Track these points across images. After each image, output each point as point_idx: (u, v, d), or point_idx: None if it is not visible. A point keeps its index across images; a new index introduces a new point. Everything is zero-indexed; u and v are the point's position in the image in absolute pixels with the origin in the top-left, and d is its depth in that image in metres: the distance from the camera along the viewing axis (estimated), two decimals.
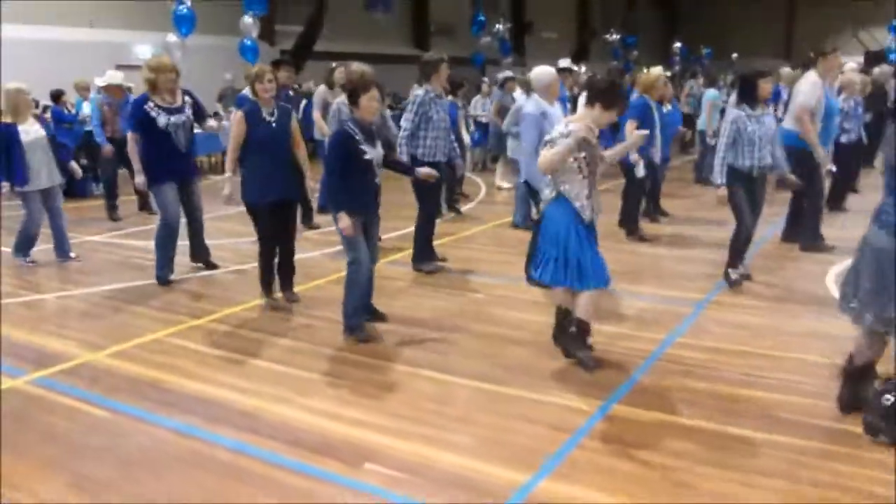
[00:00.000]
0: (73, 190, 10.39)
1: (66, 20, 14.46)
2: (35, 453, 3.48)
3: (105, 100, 9.21)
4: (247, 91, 6.97)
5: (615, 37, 28.23)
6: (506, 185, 11.01)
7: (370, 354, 4.68)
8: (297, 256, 5.88)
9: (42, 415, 3.91)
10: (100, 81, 9.72)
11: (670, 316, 5.36)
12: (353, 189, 4.70)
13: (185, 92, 6.30)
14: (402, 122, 6.33)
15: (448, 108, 6.72)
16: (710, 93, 11.09)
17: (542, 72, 5.99)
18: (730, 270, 5.99)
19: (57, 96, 11.11)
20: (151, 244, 6.66)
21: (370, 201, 4.86)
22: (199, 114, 6.44)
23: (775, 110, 9.86)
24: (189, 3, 11.80)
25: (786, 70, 11.19)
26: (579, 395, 4.06)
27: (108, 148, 9.06)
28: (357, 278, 4.87)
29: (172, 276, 6.34)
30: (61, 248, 7.07)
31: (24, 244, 6.96)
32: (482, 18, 23.36)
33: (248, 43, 12.96)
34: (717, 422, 3.72)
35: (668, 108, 8.39)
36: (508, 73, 12.36)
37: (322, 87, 8.92)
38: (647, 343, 4.82)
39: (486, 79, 16.37)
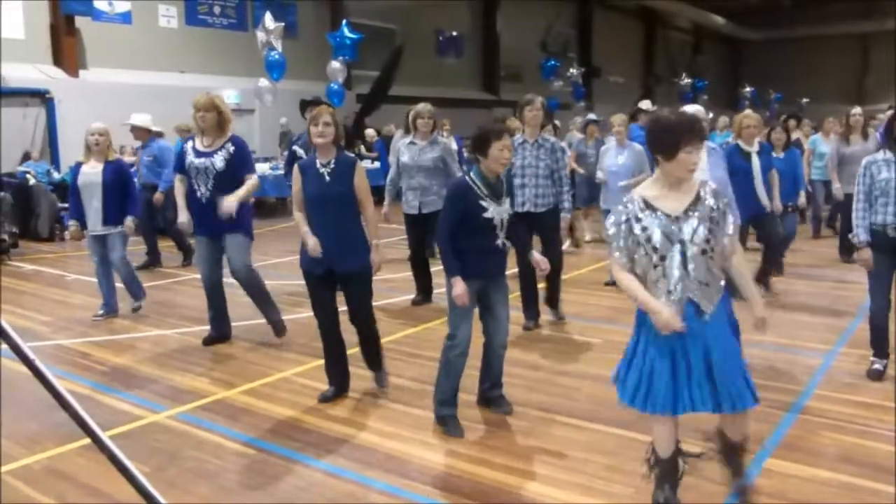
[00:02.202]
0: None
1: (159, 66, 15.08)
2: (195, 491, 3.52)
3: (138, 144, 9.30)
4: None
5: (686, 81, 28.13)
6: (588, 236, 10.84)
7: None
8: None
9: (191, 450, 3.96)
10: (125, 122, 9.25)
11: (800, 367, 5.20)
12: (468, 251, 4.04)
13: (233, 140, 5.55)
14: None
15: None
16: (812, 138, 10.78)
17: (694, 112, 5.78)
18: (872, 358, 5.04)
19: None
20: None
21: (491, 267, 4.16)
22: (236, 165, 5.51)
23: None
24: (280, 50, 12.18)
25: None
26: None
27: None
28: (451, 359, 4.17)
29: (215, 335, 5.87)
30: (104, 302, 6.69)
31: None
32: (554, 63, 23.58)
33: (335, 87, 13.29)
34: (882, 482, 3.57)
35: (779, 154, 7.88)
36: (592, 117, 12.34)
37: (399, 132, 9.06)
38: (785, 394, 4.67)
39: (557, 122, 16.43)
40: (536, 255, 4.41)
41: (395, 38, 20.54)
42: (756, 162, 6.76)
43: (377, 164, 14.65)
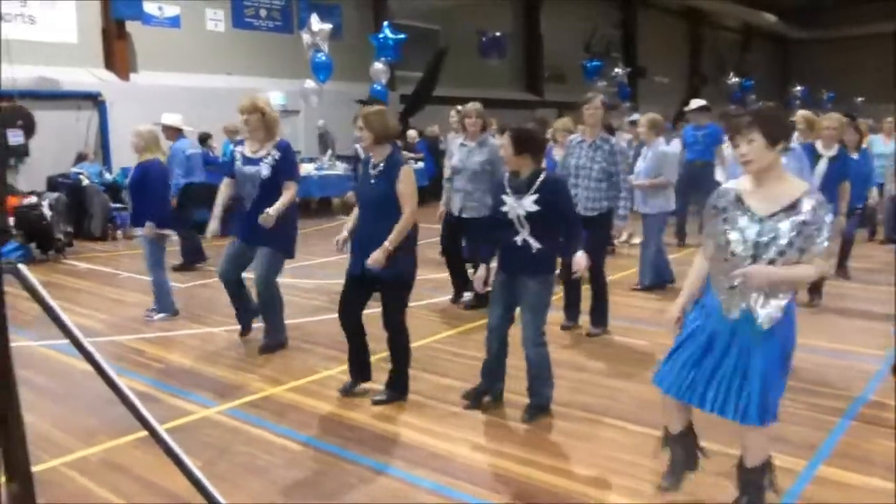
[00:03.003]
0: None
1: (207, 68, 15.34)
2: (245, 486, 3.57)
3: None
4: None
5: (734, 80, 27.67)
6: (636, 240, 10.60)
7: (557, 401, 4.61)
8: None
9: (241, 446, 4.03)
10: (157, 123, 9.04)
11: (855, 372, 5.09)
12: (499, 244, 4.34)
13: (279, 146, 5.52)
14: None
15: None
16: (871, 138, 10.46)
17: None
18: None
19: (203, 139, 11.69)
20: (304, 282, 6.79)
21: (512, 263, 4.25)
22: (280, 170, 5.47)
23: None
24: (327, 51, 12.31)
25: None
26: (779, 453, 3.83)
27: None
28: (486, 342, 4.49)
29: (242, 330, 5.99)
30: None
31: None
32: (597, 64, 23.43)
33: (379, 88, 13.40)
34: None
35: (853, 154, 7.56)
36: (635, 117, 12.21)
37: (452, 133, 9.10)
38: (839, 401, 4.58)
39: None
40: (578, 256, 4.31)
41: (438, 39, 20.58)
42: (822, 167, 6.54)
43: (421, 164, 14.69)
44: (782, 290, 2.90)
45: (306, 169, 13.42)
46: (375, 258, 4.33)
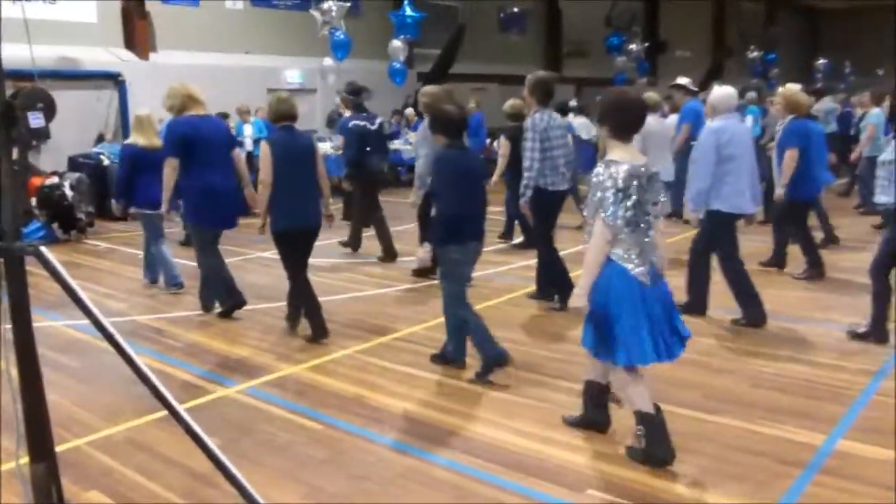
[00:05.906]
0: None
1: (225, 47, 15.32)
2: (266, 463, 3.62)
3: None
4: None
5: (755, 53, 27.20)
6: None
7: (566, 377, 4.62)
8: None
9: (262, 425, 4.08)
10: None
11: (875, 347, 5.03)
12: None
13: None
14: None
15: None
16: (873, 112, 10.27)
17: (726, 94, 5.58)
18: None
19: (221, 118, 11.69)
20: (319, 261, 6.82)
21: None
22: None
23: None
24: (344, 30, 12.26)
25: None
26: (798, 427, 3.88)
27: None
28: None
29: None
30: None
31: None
32: (618, 38, 23.08)
33: (397, 66, 13.33)
34: None
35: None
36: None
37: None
38: (859, 375, 4.55)
39: None
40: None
41: (457, 16, 20.40)
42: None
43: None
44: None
45: (323, 148, 13.38)
46: None
